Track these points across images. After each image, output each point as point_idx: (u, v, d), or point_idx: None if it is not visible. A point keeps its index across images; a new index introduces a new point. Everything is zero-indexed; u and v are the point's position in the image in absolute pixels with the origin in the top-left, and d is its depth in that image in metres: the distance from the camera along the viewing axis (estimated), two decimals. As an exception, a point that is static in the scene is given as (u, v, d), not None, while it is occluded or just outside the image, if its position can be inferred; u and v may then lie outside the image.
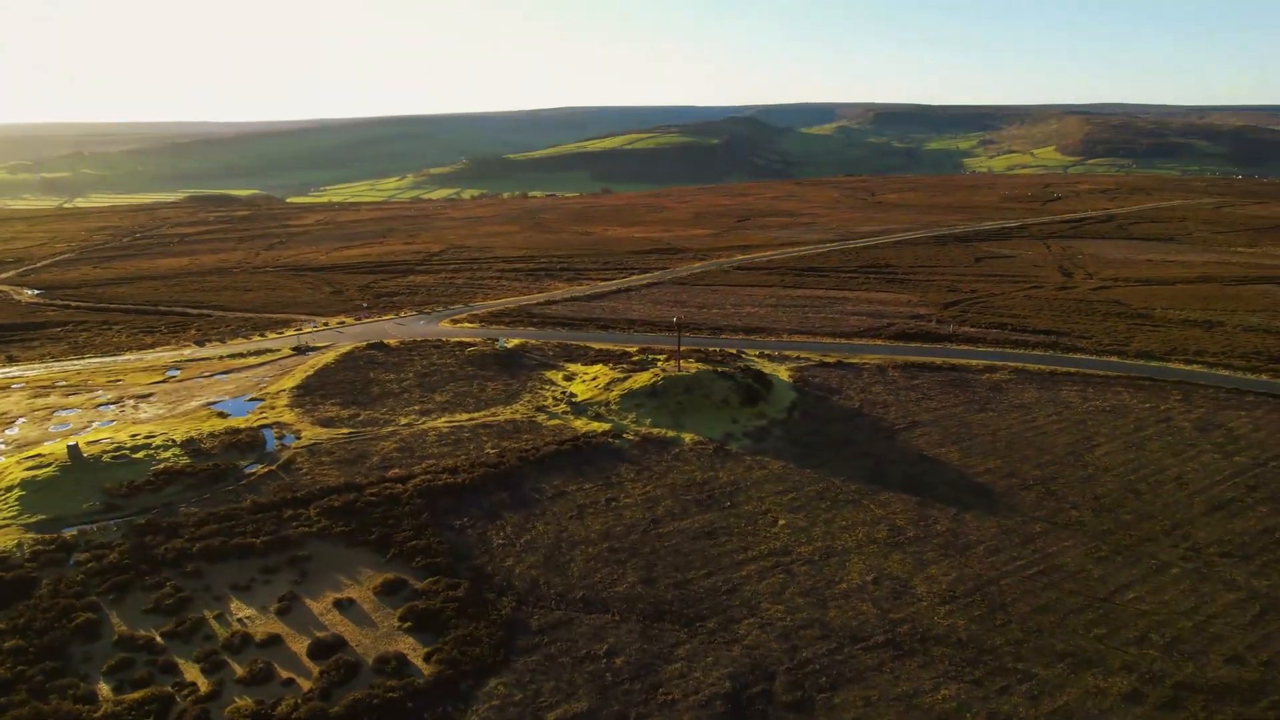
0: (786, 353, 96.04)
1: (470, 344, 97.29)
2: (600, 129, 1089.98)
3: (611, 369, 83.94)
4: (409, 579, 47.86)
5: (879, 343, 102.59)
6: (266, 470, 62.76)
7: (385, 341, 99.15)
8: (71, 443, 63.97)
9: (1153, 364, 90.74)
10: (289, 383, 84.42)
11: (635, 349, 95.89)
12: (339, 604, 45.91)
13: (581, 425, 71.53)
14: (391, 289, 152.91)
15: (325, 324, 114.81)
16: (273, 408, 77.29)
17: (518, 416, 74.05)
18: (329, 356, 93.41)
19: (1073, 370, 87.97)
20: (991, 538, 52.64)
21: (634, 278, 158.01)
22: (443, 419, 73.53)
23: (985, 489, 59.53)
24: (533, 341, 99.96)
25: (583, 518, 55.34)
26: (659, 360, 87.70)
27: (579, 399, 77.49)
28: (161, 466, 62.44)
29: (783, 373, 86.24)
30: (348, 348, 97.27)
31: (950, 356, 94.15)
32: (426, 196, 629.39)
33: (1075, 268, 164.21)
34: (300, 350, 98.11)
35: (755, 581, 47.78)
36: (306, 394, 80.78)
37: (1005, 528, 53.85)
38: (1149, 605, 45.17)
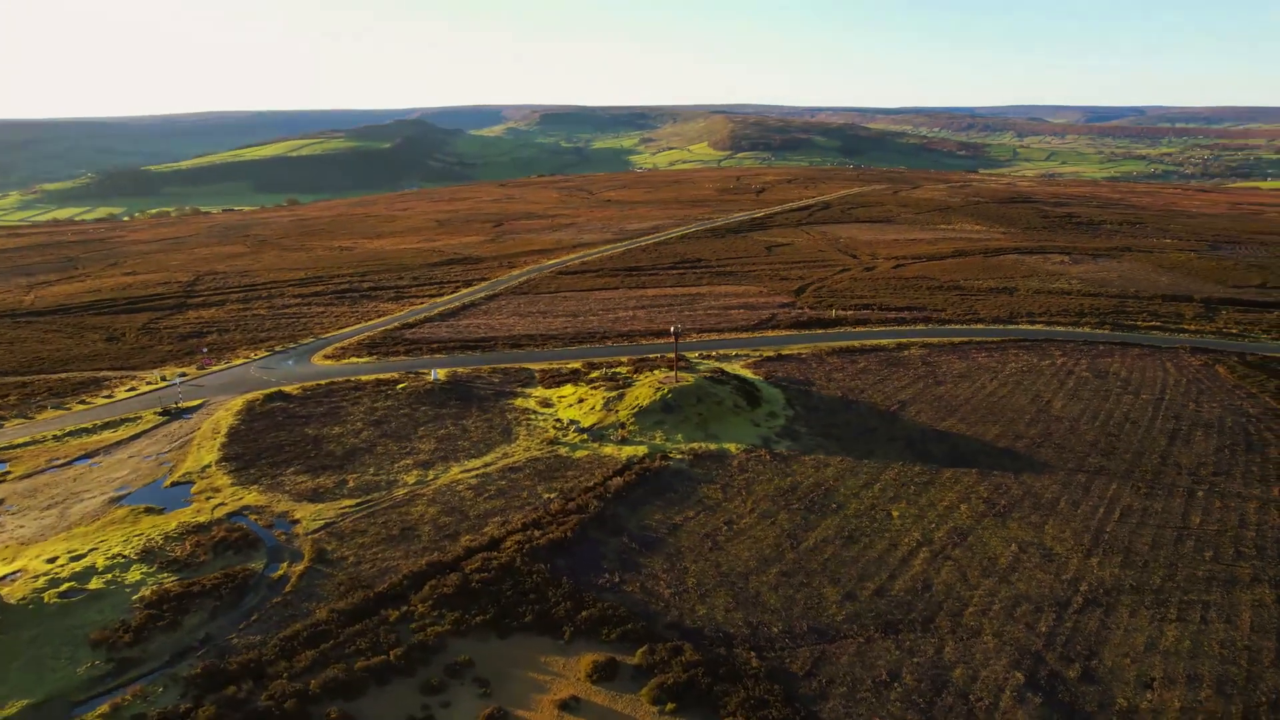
0: (720, 351, 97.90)
1: (394, 381, 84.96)
2: (253, 136, 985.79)
3: (592, 389, 79.06)
4: (617, 656, 41.54)
5: (782, 333, 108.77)
6: (300, 568, 49.72)
7: (282, 390, 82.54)
8: (-16, 588, 44.93)
9: (1010, 327, 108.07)
10: (207, 455, 66.89)
11: (580, 364, 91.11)
12: (566, 706, 38.50)
13: (615, 452, 66.72)
14: (184, 329, 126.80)
15: (162, 378, 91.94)
16: (215, 489, 60.92)
17: (537, 454, 66.80)
18: (226, 417, 75.50)
19: (961, 340, 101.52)
20: (1062, 492, 59.59)
21: (464, 292, 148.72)
22: (455, 469, 63.82)
23: (1014, 453, 66.96)
24: (460, 370, 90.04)
25: (723, 547, 52.14)
26: (622, 371, 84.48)
27: (586, 425, 71.98)
28: (148, 593, 46.46)
29: (744, 371, 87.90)
30: (239, 403, 79.37)
31: (857, 339, 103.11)
32: (48, 216, 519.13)
33: (852, 251, 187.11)
34: (170, 414, 77.94)
35: (935, 574, 49.12)
36: (245, 465, 64.79)
37: (1063, 483, 61.27)
38: (1215, 525, 54.77)
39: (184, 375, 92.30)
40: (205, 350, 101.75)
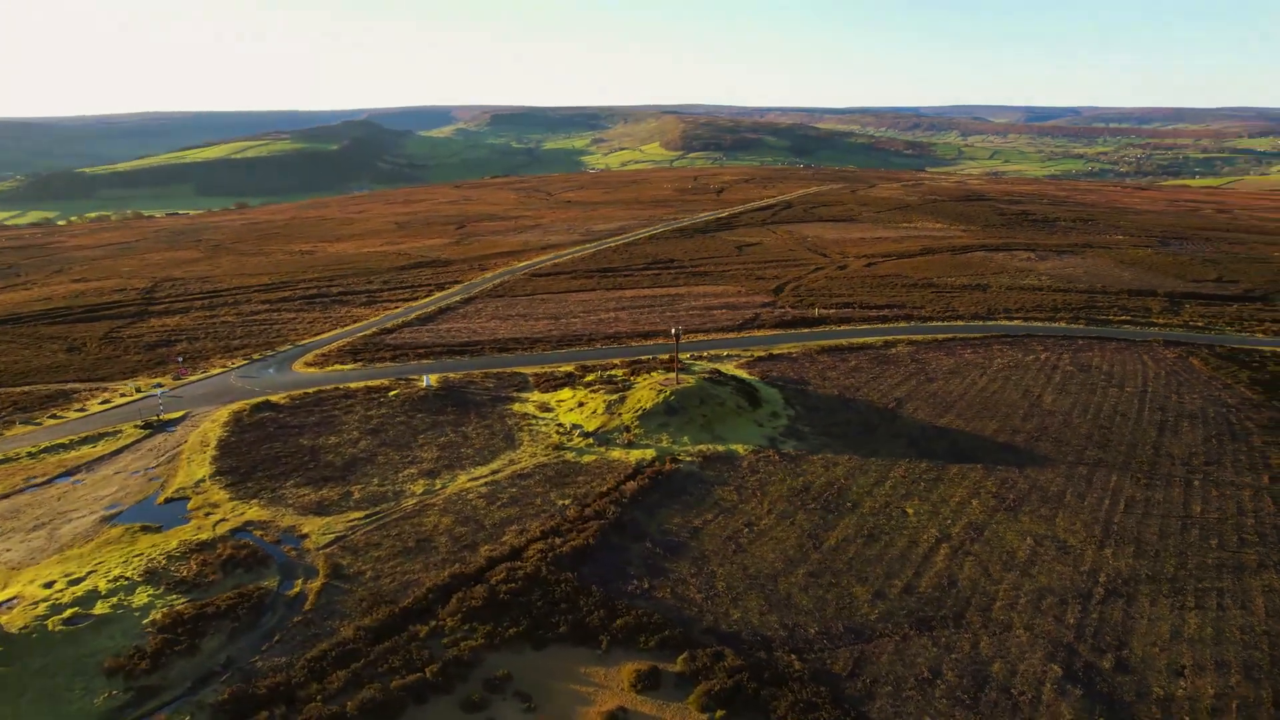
0: (712, 352, 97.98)
1: (385, 388, 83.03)
2: (193, 138, 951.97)
3: (591, 392, 78.35)
4: (659, 664, 41.05)
5: (769, 332, 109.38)
6: (318, 585, 48.12)
7: (269, 400, 79.93)
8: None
9: (990, 323, 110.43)
10: (199, 469, 64.36)
11: (573, 367, 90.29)
12: (613, 717, 37.83)
13: (623, 455, 66.18)
14: (150, 338, 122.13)
15: (137, 389, 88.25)
16: (213, 504, 58.63)
17: (544, 459, 65.88)
18: (213, 428, 72.83)
19: (945, 337, 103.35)
20: (1066, 485, 60.94)
21: (438, 296, 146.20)
22: (463, 477, 62.54)
23: (1013, 447, 68.30)
24: (452, 375, 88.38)
25: (747, 550, 52.00)
26: (618, 374, 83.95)
27: (590, 429, 71.25)
28: (159, 616, 44.43)
29: (739, 371, 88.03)
30: (225, 414, 76.63)
31: (844, 338, 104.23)
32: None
33: (822, 250, 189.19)
34: (152, 427, 74.85)
35: (958, 570, 49.72)
36: (242, 479, 62.50)
37: (1066, 475, 62.68)
38: (1216, 513, 56.59)
39: (161, 386, 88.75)
40: (180, 359, 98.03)
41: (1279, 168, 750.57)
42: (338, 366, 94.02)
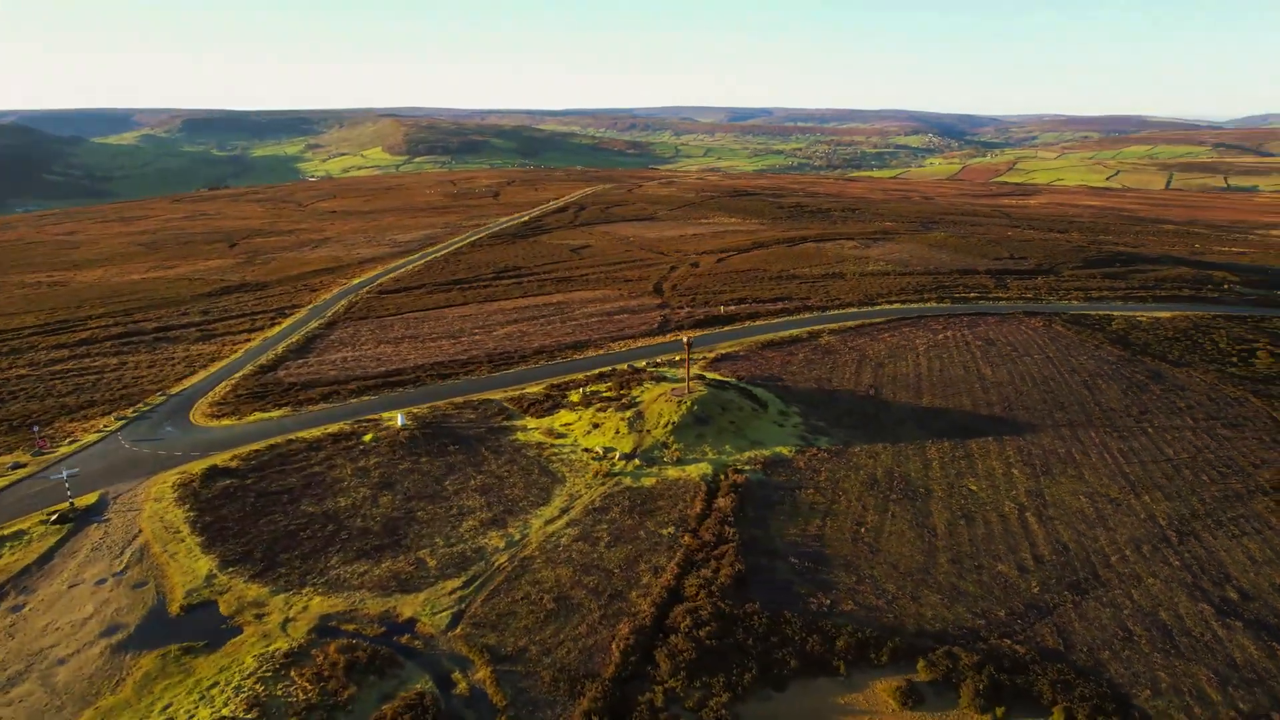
0: (664, 356, 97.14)
1: (351, 433, 71.68)
2: None
3: (599, 412, 74.21)
4: (909, 677, 40.84)
5: (694, 334, 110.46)
6: (485, 675, 41.00)
7: (216, 465, 65.21)
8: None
9: (878, 308, 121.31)
10: (196, 563, 50.99)
11: (543, 388, 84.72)
12: (911, 739, 37.09)
13: (679, 473, 63.81)
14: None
15: (-12, 474, 67.03)
16: (255, 603, 47.00)
17: (604, 489, 61.41)
18: (167, 510, 57.96)
19: (855, 324, 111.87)
20: (1064, 446, 69.65)
21: (286, 324, 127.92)
22: (535, 521, 56.35)
23: (998, 418, 76.43)
24: (415, 409, 78.38)
25: (878, 548, 53.00)
26: (602, 390, 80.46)
27: (627, 450, 67.56)
28: (326, 756, 35.15)
29: (713, 374, 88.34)
30: (164, 490, 61.26)
31: (769, 332, 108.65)
32: None
33: (657, 249, 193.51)
34: (68, 518, 57.70)
35: (1058, 535, 55.00)
36: (266, 566, 50.67)
37: (1057, 437, 71.59)
38: (1187, 453, 68.09)
39: (21, 464, 68.38)
40: (36, 429, 76.09)
41: (930, 160, 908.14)
42: (259, 415, 79.01)
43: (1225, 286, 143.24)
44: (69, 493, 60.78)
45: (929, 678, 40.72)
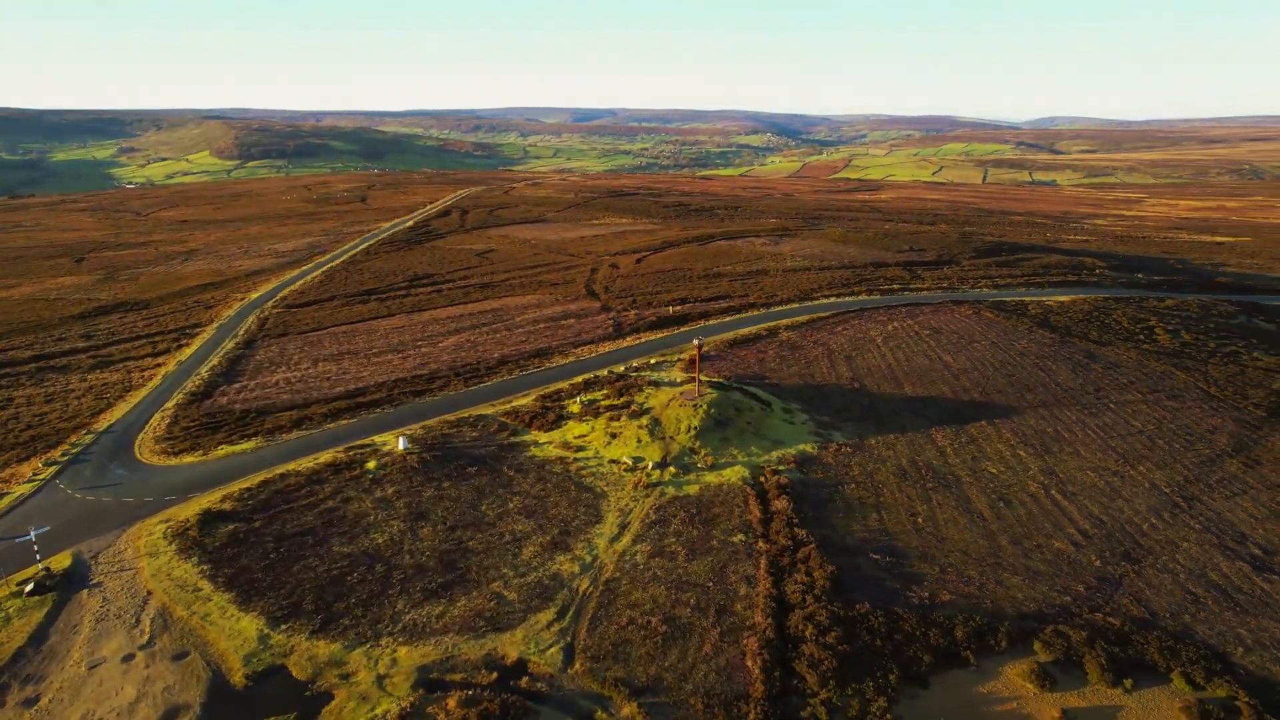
0: (640, 359, 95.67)
1: (351, 461, 65.34)
2: None
3: (614, 421, 71.91)
4: (1033, 659, 42.44)
5: (652, 336, 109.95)
6: (631, 712, 38.59)
7: (210, 509, 57.28)
8: None
9: (819, 302, 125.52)
10: (239, 624, 44.59)
11: (534, 399, 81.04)
12: (1066, 717, 38.55)
13: (717, 479, 63.15)
14: None
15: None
16: (333, 663, 41.83)
17: (652, 501, 59.64)
18: (174, 566, 50.34)
19: (804, 319, 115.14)
20: (1047, 425, 75.02)
21: (198, 345, 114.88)
22: (599, 540, 53.83)
23: (979, 403, 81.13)
24: (407, 431, 72.57)
25: (942, 536, 54.78)
26: (596, 396, 78.23)
27: (658, 459, 65.90)
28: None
29: (699, 375, 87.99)
30: (155, 542, 53.15)
31: (728, 331, 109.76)
32: None
33: (567, 251, 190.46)
34: (47, 587, 48.79)
35: (1087, 509, 59.17)
36: (325, 619, 45.16)
37: (1038, 416, 76.91)
38: (1153, 424, 75.11)
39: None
40: (-47, 483, 63.64)
41: (772, 159, 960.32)
42: (227, 449, 70.26)
43: (1098, 272, 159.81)
44: (38, 556, 51.43)
45: (1049, 658, 42.52)
